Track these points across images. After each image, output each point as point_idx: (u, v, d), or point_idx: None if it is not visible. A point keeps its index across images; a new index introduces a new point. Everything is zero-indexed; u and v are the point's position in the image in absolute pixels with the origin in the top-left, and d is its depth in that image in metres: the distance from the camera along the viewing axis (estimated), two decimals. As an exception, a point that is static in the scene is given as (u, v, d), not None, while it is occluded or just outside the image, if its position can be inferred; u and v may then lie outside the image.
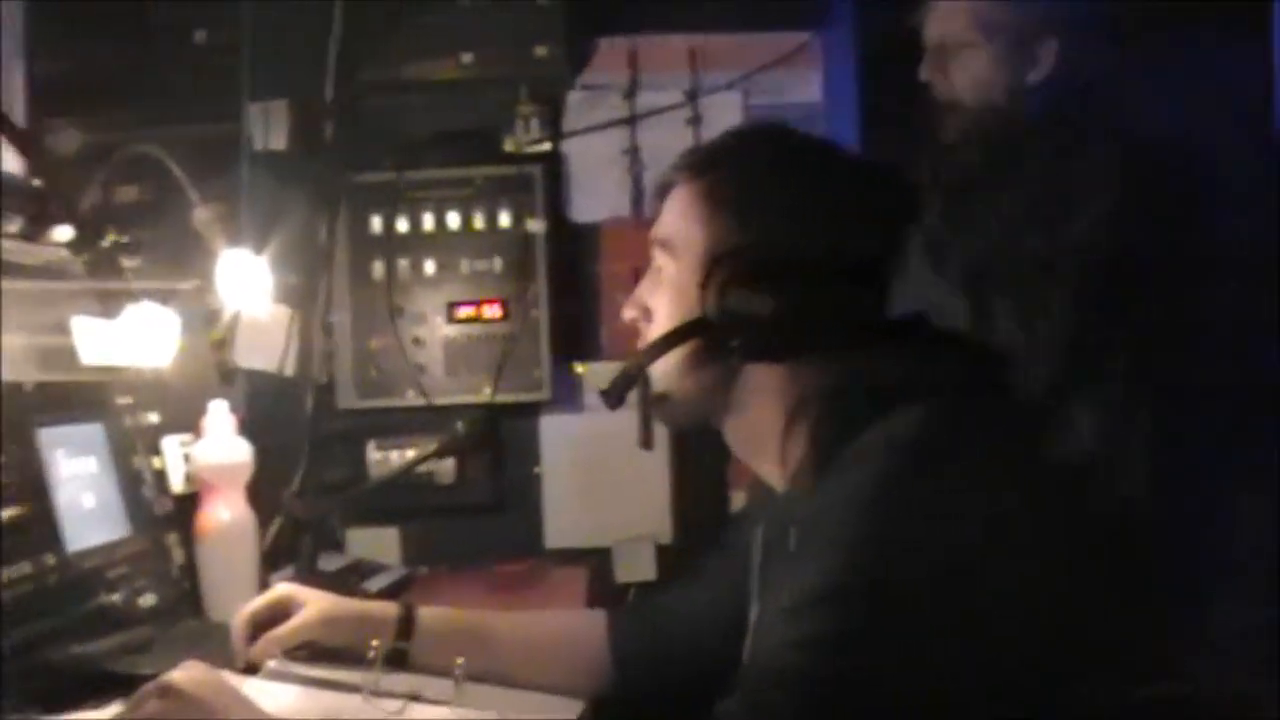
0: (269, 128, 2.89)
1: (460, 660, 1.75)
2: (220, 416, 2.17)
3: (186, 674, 1.47)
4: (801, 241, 1.50)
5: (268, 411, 2.68)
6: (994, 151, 2.25)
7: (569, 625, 1.99)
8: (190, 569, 2.15)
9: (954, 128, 2.29)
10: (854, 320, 1.52)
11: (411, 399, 2.92)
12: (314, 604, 1.85)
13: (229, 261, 2.06)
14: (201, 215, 2.00)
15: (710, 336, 1.54)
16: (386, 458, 2.92)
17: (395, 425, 2.95)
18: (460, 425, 2.13)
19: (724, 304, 1.50)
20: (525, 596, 2.61)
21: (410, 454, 2.90)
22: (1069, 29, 2.26)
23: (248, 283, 2.08)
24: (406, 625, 1.86)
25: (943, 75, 2.32)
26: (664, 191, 1.68)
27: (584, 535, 3.06)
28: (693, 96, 3.10)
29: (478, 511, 3.01)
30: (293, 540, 2.37)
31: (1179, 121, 3.14)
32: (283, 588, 1.88)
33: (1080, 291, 2.07)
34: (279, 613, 1.84)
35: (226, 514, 2.15)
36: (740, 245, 1.51)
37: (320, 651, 1.85)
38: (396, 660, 1.83)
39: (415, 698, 1.73)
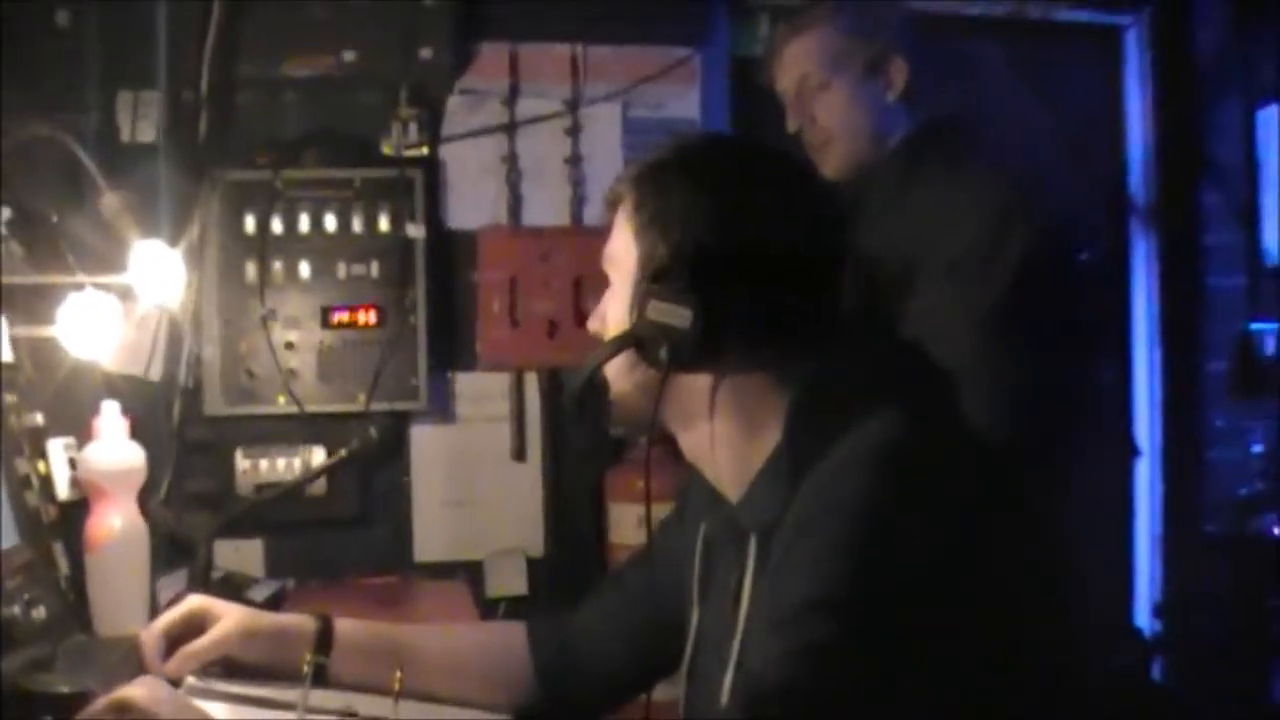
0: (137, 119, 2.76)
1: (399, 674, 1.68)
2: (113, 419, 2.05)
3: (144, 690, 1.38)
4: (727, 249, 1.47)
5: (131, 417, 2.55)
6: (878, 174, 2.29)
7: (489, 637, 1.93)
8: (75, 581, 2.03)
9: (833, 165, 2.33)
10: (795, 326, 1.51)
11: (283, 406, 2.83)
12: (231, 617, 1.76)
13: (145, 254, 1.95)
14: (111, 203, 1.89)
15: (641, 348, 1.51)
16: (255, 466, 2.82)
17: (264, 434, 2.85)
18: (373, 430, 2.06)
19: (645, 316, 1.47)
20: (406, 612, 2.54)
21: (280, 463, 2.81)
22: (911, 45, 2.32)
23: (164, 277, 1.97)
24: (325, 638, 1.78)
25: (810, 120, 2.34)
26: (611, 206, 1.64)
27: (454, 548, 3.01)
28: (573, 106, 3.08)
29: (345, 523, 2.93)
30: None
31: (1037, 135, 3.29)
32: (195, 600, 1.78)
33: (969, 300, 2.11)
34: (193, 626, 1.74)
35: (119, 522, 2.03)
36: (665, 258, 1.48)
37: (234, 667, 1.76)
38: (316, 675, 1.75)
39: (351, 714, 1.66)
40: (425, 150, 2.96)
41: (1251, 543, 3.38)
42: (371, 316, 2.86)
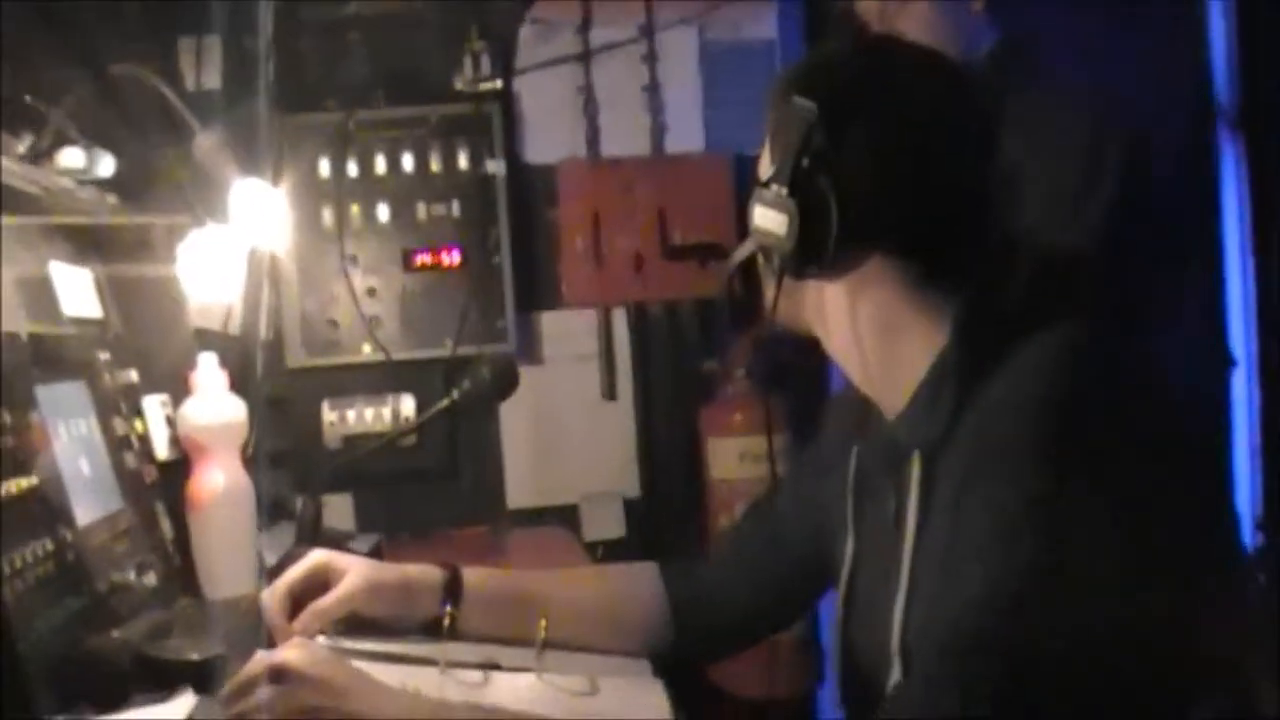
0: (201, 66, 2.66)
1: (543, 623, 1.60)
2: (211, 372, 1.96)
3: (301, 653, 1.30)
4: (833, 154, 1.37)
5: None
6: None
7: (620, 580, 1.85)
8: (180, 543, 1.95)
9: None
10: (926, 235, 1.40)
11: (367, 355, 2.75)
12: (356, 571, 1.68)
13: (245, 194, 1.85)
14: (204, 143, 1.79)
15: (762, 254, 1.42)
16: (342, 418, 2.74)
17: (350, 384, 2.77)
18: (485, 370, 1.96)
19: (752, 222, 1.39)
20: (511, 560, 2.46)
21: (369, 414, 2.73)
22: None
23: (268, 217, 1.88)
24: (453, 589, 1.70)
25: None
26: None
27: (547, 494, 2.93)
28: (648, 32, 2.96)
29: (434, 473, 2.85)
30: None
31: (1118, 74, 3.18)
32: (317, 555, 1.70)
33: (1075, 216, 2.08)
34: (316, 583, 1.67)
35: (222, 479, 1.95)
36: (772, 164, 1.39)
37: (359, 623, 1.68)
38: (436, 628, 1.68)
39: (495, 666, 1.58)
40: (499, 84, 2.85)
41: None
42: (454, 257, 2.77)
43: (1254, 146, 3.44)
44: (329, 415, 2.75)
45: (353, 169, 2.74)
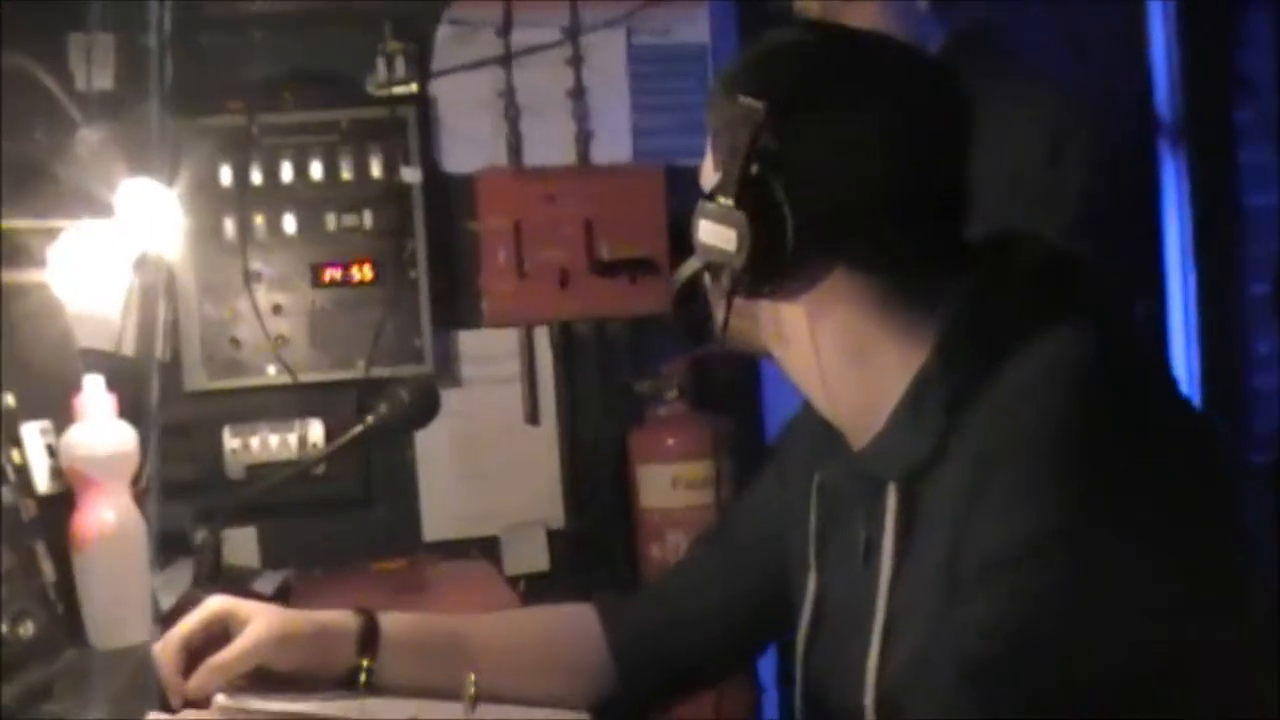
0: (92, 64, 2.46)
1: (472, 676, 1.43)
2: (98, 396, 1.77)
3: None
4: (785, 159, 1.22)
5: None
6: None
7: (556, 623, 1.69)
8: (62, 587, 1.75)
9: None
10: (893, 244, 1.26)
11: (273, 377, 2.56)
12: (261, 619, 1.49)
13: (136, 194, 1.66)
14: (90, 139, 1.60)
15: (711, 272, 1.27)
16: (245, 445, 2.55)
17: (254, 408, 2.59)
18: (403, 393, 1.79)
19: (698, 238, 1.24)
20: (432, 599, 2.28)
21: (274, 441, 2.54)
22: None
23: (160, 220, 1.69)
24: (370, 637, 1.52)
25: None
26: None
27: (466, 524, 2.76)
28: (573, 34, 2.80)
29: (346, 503, 2.66)
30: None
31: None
32: (216, 601, 1.51)
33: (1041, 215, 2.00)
34: (216, 633, 1.48)
35: (111, 515, 1.76)
36: (718, 173, 1.24)
37: (265, 678, 1.49)
38: (353, 681, 1.50)
39: (421, 726, 1.40)
40: (414, 87, 2.68)
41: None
42: (367, 272, 2.60)
43: (1197, 158, 3.37)
44: (231, 442, 2.56)
45: (257, 176, 2.56)
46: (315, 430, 2.59)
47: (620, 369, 2.82)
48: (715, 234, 1.21)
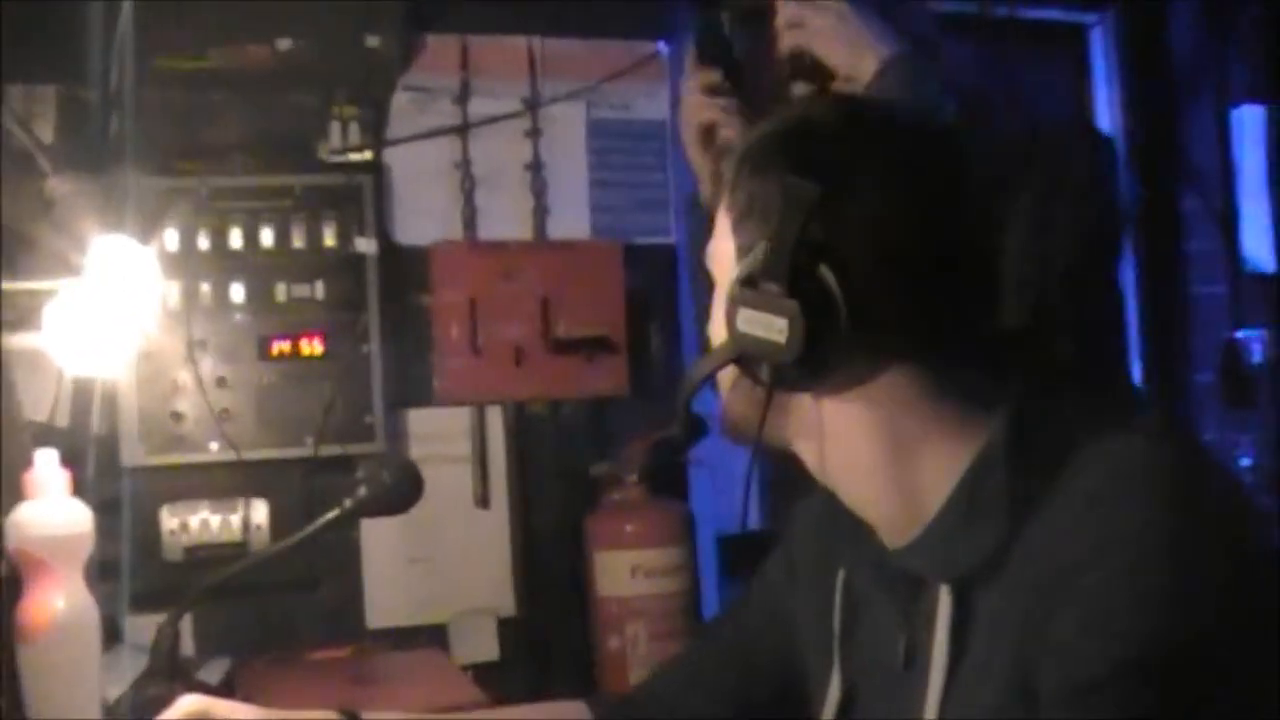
0: (32, 116, 2.33)
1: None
2: (51, 471, 1.63)
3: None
4: (837, 241, 1.15)
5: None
6: None
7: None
8: (8, 679, 1.61)
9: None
10: (944, 330, 1.19)
11: (215, 454, 2.42)
12: (241, 716, 1.37)
13: (109, 251, 1.54)
14: (60, 188, 1.48)
15: (743, 364, 1.18)
16: (184, 526, 2.40)
17: (194, 487, 2.44)
18: (385, 474, 1.67)
19: (736, 328, 1.15)
20: (386, 691, 2.15)
21: (215, 521, 2.40)
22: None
23: (136, 280, 1.56)
24: (354, 738, 1.41)
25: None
26: (720, 190, 1.31)
27: (413, 611, 2.62)
28: (532, 106, 2.72)
29: (286, 587, 2.51)
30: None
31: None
32: (191, 701, 1.38)
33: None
34: (192, 737, 1.35)
35: (62, 602, 1.61)
36: (760, 254, 1.15)
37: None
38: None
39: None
40: (369, 155, 2.58)
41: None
42: (317, 346, 2.47)
43: (1145, 247, 3.38)
44: (169, 523, 2.41)
45: (204, 241, 2.43)
46: (259, 511, 2.45)
47: (575, 451, 2.72)
48: (759, 323, 1.12)
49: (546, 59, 2.75)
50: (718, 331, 1.21)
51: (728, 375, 1.22)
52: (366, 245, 2.49)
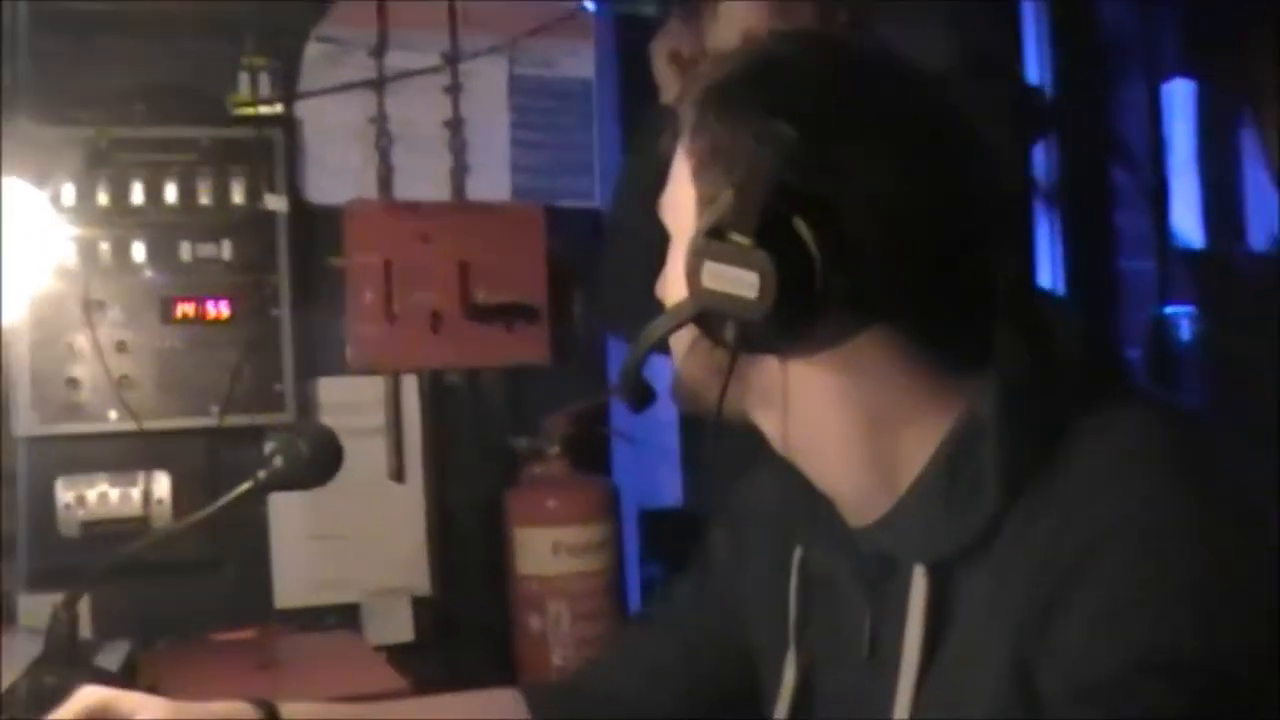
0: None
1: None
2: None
3: None
4: (813, 190, 1.06)
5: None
6: None
7: (477, 712, 1.47)
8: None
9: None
10: (924, 292, 1.10)
11: (115, 423, 2.29)
12: (147, 712, 1.25)
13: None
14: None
15: (703, 324, 1.08)
16: (81, 499, 2.27)
17: (92, 458, 2.30)
18: (302, 444, 1.56)
19: (700, 283, 1.05)
20: (301, 674, 2.03)
21: (115, 494, 2.26)
22: None
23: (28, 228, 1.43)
24: (270, 731, 1.29)
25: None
26: (673, 136, 1.20)
27: (323, 590, 2.50)
28: (452, 61, 2.60)
29: (188, 567, 2.38)
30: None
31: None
32: (92, 694, 1.26)
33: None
34: (92, 731, 1.23)
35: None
36: (727, 203, 1.05)
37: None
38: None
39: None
40: (280, 108, 2.44)
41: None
42: (223, 309, 2.34)
43: (1073, 221, 3.34)
44: (64, 496, 2.27)
45: (103, 196, 2.28)
46: (161, 484, 2.31)
47: (494, 423, 2.61)
48: (726, 277, 1.02)
49: (468, 13, 2.62)
50: (674, 289, 1.11)
51: (684, 338, 1.12)
52: (277, 203, 2.35)
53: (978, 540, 1.04)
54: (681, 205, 1.11)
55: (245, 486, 1.56)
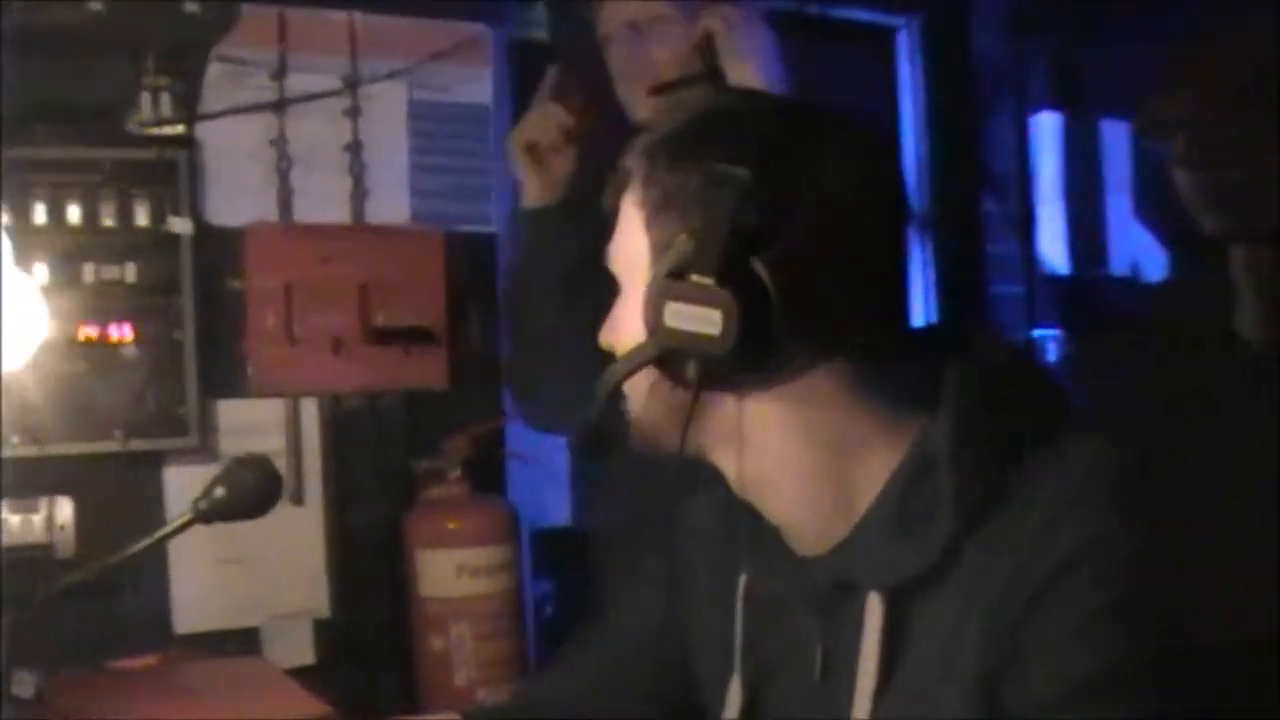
0: None
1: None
2: None
3: None
4: (768, 230, 1.13)
5: None
6: None
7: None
8: None
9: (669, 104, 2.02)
10: (872, 323, 1.17)
11: (15, 447, 2.24)
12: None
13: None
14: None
15: (664, 365, 1.14)
16: (-20, 525, 2.22)
17: (-10, 482, 2.24)
18: (248, 474, 1.55)
19: (663, 323, 1.11)
20: (212, 703, 2.01)
21: (15, 521, 2.22)
22: None
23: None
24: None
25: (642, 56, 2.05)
26: (617, 190, 1.25)
27: (222, 614, 2.48)
28: (352, 84, 2.60)
29: (84, 592, 2.33)
30: None
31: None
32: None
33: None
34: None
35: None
36: (686, 246, 1.12)
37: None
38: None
39: None
40: (181, 128, 2.42)
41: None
42: (127, 332, 2.31)
43: (945, 248, 3.46)
44: (-37, 520, 2.22)
45: (4, 217, 2.23)
46: (64, 510, 2.27)
47: (394, 446, 2.61)
48: (689, 316, 1.08)
49: (368, 36, 2.63)
50: (629, 334, 1.16)
51: (642, 382, 1.17)
52: (182, 225, 2.34)
53: (935, 566, 1.10)
54: (634, 254, 1.16)
55: (185, 518, 1.56)
